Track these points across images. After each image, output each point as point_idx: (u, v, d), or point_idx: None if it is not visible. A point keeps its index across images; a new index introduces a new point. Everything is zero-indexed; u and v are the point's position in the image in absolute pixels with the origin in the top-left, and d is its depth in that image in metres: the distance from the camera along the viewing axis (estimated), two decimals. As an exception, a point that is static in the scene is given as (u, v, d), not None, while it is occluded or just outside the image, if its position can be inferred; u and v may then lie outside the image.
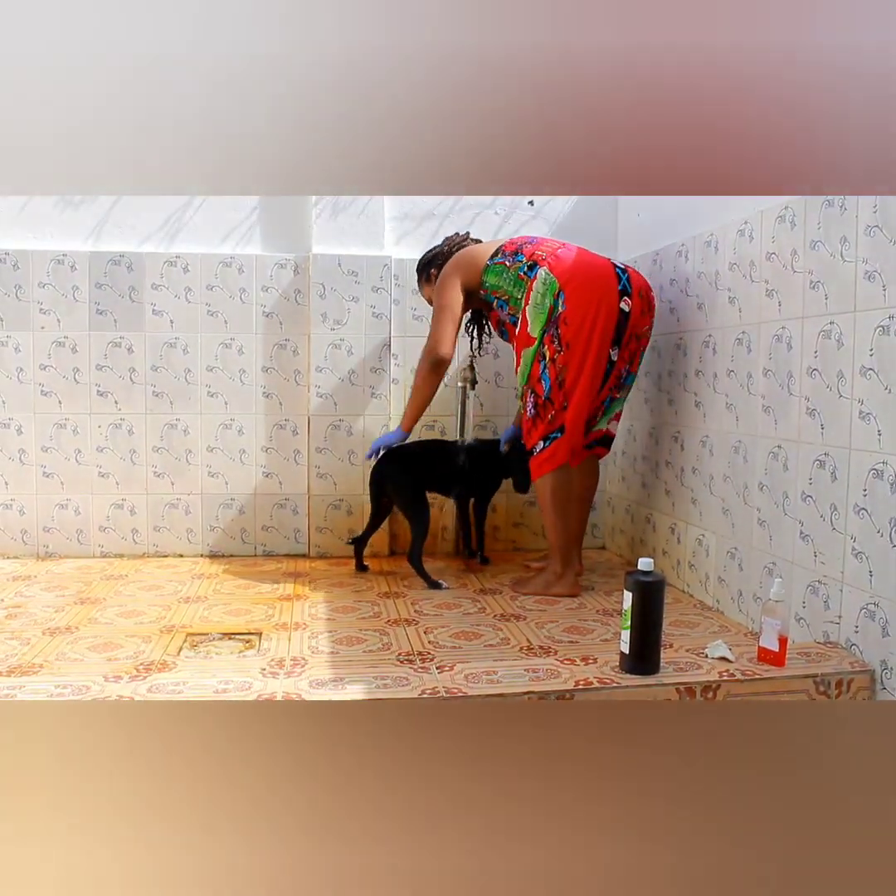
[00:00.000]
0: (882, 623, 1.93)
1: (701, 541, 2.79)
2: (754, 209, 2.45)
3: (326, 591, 2.92)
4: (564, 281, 2.73)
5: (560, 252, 2.81)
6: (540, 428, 2.80)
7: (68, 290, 3.35)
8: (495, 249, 2.92)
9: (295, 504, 3.54)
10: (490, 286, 2.90)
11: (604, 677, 1.90)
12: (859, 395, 2.00)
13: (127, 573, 3.18)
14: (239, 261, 3.43)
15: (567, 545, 2.87)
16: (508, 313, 2.90)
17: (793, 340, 2.27)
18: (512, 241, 2.92)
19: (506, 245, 2.91)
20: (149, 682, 1.90)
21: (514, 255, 2.85)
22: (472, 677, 1.89)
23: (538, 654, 2.21)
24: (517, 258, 2.84)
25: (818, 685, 1.92)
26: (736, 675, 1.91)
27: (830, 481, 2.11)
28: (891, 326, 1.89)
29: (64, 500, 3.41)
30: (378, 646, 2.28)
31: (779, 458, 2.34)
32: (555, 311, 2.73)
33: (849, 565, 2.05)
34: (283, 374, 3.49)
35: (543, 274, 2.76)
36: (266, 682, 1.91)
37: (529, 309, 2.79)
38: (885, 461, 1.91)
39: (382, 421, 3.47)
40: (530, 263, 2.81)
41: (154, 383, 3.43)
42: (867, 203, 1.97)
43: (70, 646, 2.28)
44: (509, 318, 2.92)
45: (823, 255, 2.14)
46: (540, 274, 2.77)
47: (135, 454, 3.44)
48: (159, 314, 3.41)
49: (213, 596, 2.86)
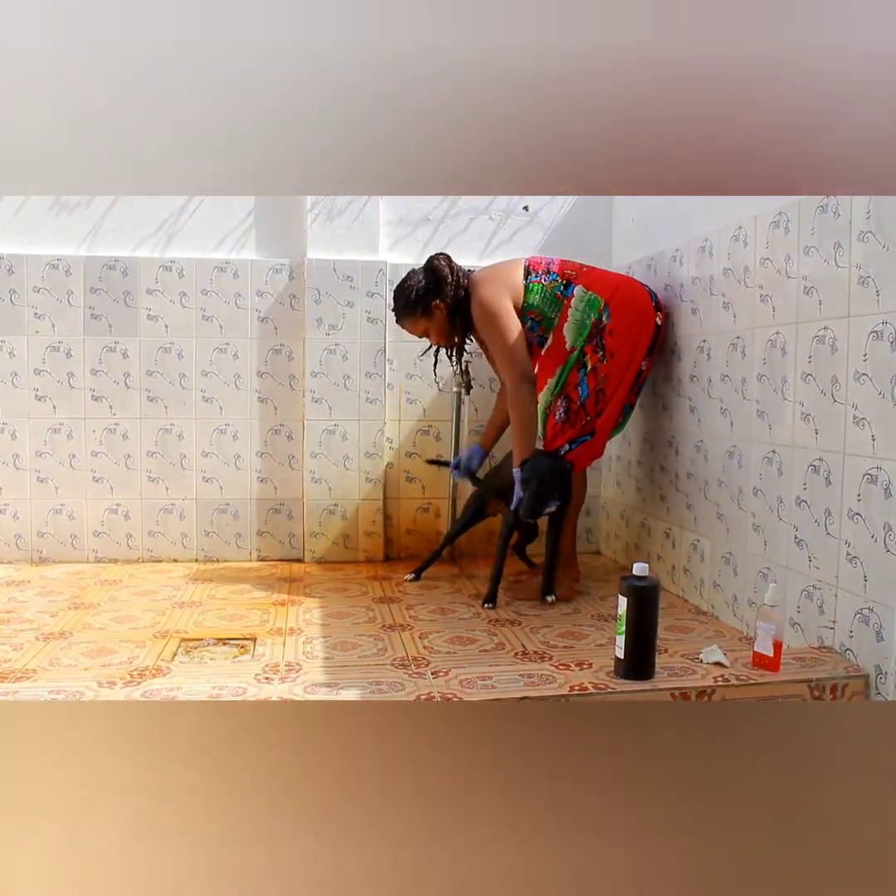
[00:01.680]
0: (876, 628, 1.93)
1: (696, 546, 2.80)
2: (748, 214, 2.46)
3: (321, 597, 2.92)
4: (609, 296, 2.79)
5: (586, 270, 2.87)
6: (568, 433, 2.82)
7: (63, 294, 3.35)
8: (524, 268, 2.85)
9: (290, 509, 3.53)
10: (528, 306, 2.83)
11: (599, 682, 1.89)
12: (853, 401, 2.01)
13: (121, 578, 3.17)
14: (234, 266, 3.43)
15: (568, 549, 2.89)
16: (538, 334, 2.89)
17: (787, 345, 2.27)
18: (535, 261, 2.88)
19: (532, 264, 2.86)
20: (143, 687, 1.89)
21: (548, 274, 2.83)
22: (467, 682, 1.89)
23: (533, 659, 2.21)
24: (551, 277, 2.83)
25: (813, 690, 1.92)
26: (731, 680, 1.91)
27: (825, 486, 2.12)
28: (884, 332, 1.90)
29: (58, 505, 3.41)
30: (373, 651, 2.28)
31: (773, 463, 2.34)
32: (599, 323, 2.78)
33: (843, 570, 2.05)
34: (277, 378, 3.49)
35: (580, 292, 2.80)
36: (261, 688, 1.91)
37: (568, 326, 2.82)
38: (880, 466, 1.92)
39: (377, 426, 3.47)
40: (565, 283, 2.83)
41: (149, 388, 3.43)
42: (860, 209, 1.98)
43: (63, 651, 2.27)
44: (537, 340, 2.90)
45: (817, 260, 2.15)
46: (577, 292, 2.81)
47: (129, 459, 3.44)
48: (154, 319, 3.40)
49: (208, 601, 2.85)
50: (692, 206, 2.87)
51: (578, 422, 2.82)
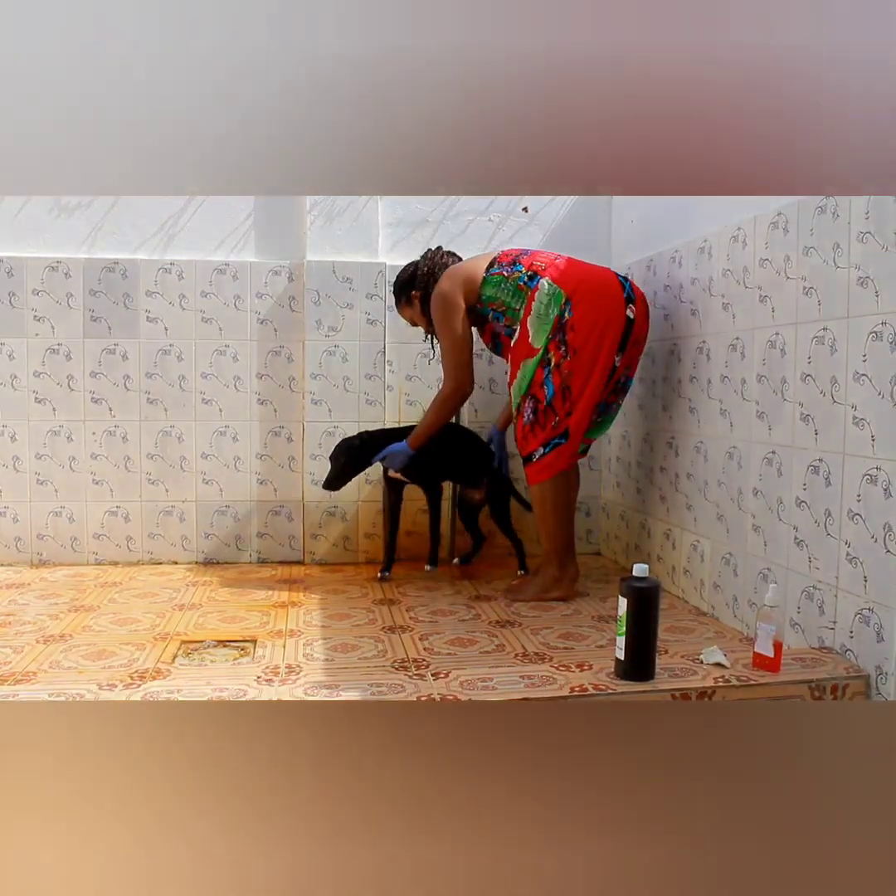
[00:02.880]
0: (877, 628, 1.93)
1: (696, 546, 2.80)
2: (748, 215, 2.46)
3: (321, 598, 2.92)
4: (571, 290, 2.73)
5: (559, 262, 2.81)
6: (539, 435, 2.78)
7: (62, 297, 3.35)
8: (490, 261, 2.89)
9: (290, 511, 3.53)
10: (487, 298, 2.87)
11: (599, 683, 1.89)
12: (853, 401, 2.01)
13: (121, 580, 3.17)
14: (233, 268, 3.43)
15: (564, 550, 2.88)
16: (504, 325, 2.89)
17: (786, 346, 2.28)
18: (506, 253, 2.91)
19: (500, 256, 2.90)
20: (143, 689, 1.89)
21: (512, 266, 2.84)
22: (467, 684, 1.89)
23: (533, 660, 2.21)
24: (515, 268, 2.83)
25: (813, 691, 1.92)
26: (731, 680, 1.91)
27: (825, 487, 2.12)
28: (883, 332, 1.90)
29: (58, 508, 3.41)
30: (373, 653, 2.28)
31: (773, 464, 2.34)
32: (562, 318, 2.73)
33: (843, 571, 2.05)
34: (277, 380, 3.49)
35: (546, 285, 2.76)
36: (261, 690, 1.91)
37: (531, 319, 2.77)
38: (879, 466, 1.92)
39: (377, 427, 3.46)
40: (530, 274, 2.80)
41: (148, 390, 3.43)
42: (859, 209, 1.98)
43: (64, 654, 2.27)
44: (504, 330, 2.90)
45: (816, 261, 2.15)
46: (542, 285, 2.76)
47: (129, 461, 3.44)
48: (154, 321, 3.41)
49: (208, 603, 2.85)
50: (692, 207, 2.87)
51: (548, 423, 2.76)
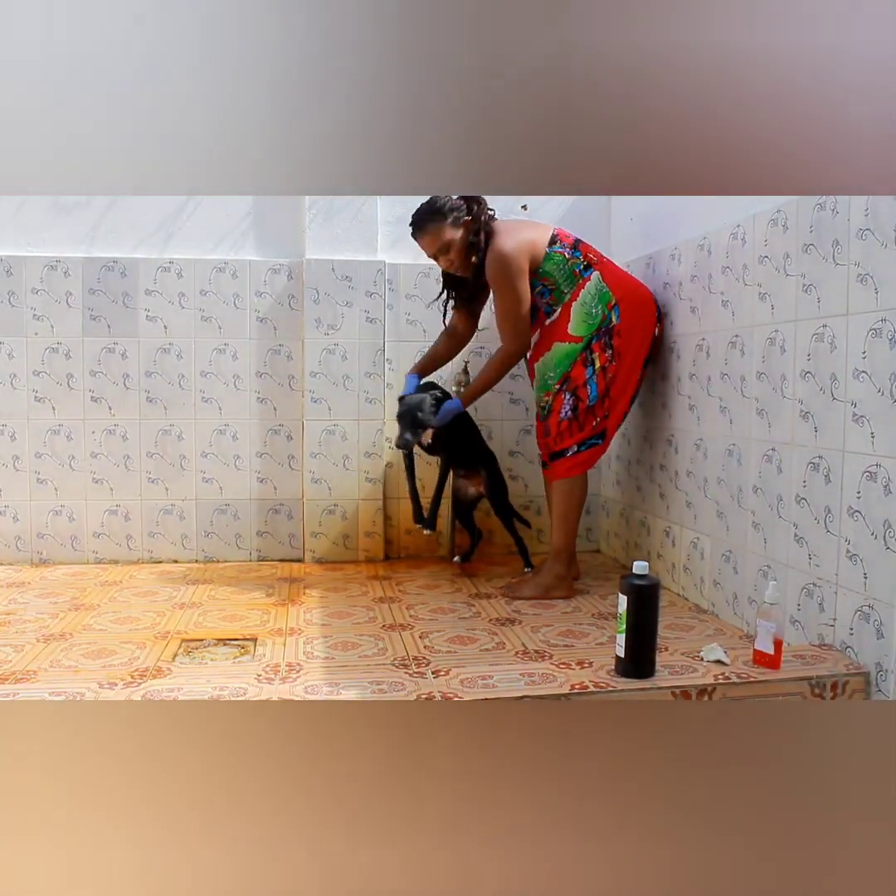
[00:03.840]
0: (877, 625, 1.93)
1: (696, 544, 2.80)
2: (747, 213, 2.46)
3: (321, 597, 2.92)
4: (620, 296, 2.82)
5: (606, 261, 2.90)
6: (576, 434, 2.84)
7: (62, 295, 3.35)
8: (550, 236, 2.86)
9: (289, 509, 3.53)
10: (543, 272, 2.84)
11: (599, 681, 1.90)
12: (852, 398, 2.01)
13: (121, 579, 3.17)
14: (232, 266, 3.43)
15: (572, 548, 2.91)
16: (547, 302, 2.88)
17: (786, 343, 2.27)
18: (564, 233, 2.89)
19: (560, 233, 2.88)
20: (143, 688, 1.89)
21: (573, 249, 2.85)
22: (467, 682, 1.89)
23: (534, 658, 2.21)
24: (575, 253, 2.85)
25: (813, 688, 1.92)
26: (731, 678, 1.91)
27: (824, 484, 2.12)
28: (883, 329, 1.90)
29: (58, 507, 3.41)
30: (373, 651, 2.28)
31: (773, 461, 2.34)
32: (607, 321, 2.80)
33: (843, 568, 2.05)
34: (277, 379, 3.49)
35: (597, 279, 2.82)
36: (261, 688, 1.91)
37: (575, 306, 2.82)
38: (879, 463, 1.92)
39: (377, 426, 3.47)
40: (586, 263, 2.84)
41: (148, 389, 3.43)
42: (859, 206, 1.98)
43: (64, 653, 2.27)
44: (545, 307, 2.90)
45: (816, 258, 2.15)
46: (594, 277, 2.82)
47: (129, 460, 3.44)
48: (153, 320, 3.40)
49: (208, 602, 2.85)
50: (690, 205, 2.87)
51: (587, 422, 2.84)
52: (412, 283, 3.52)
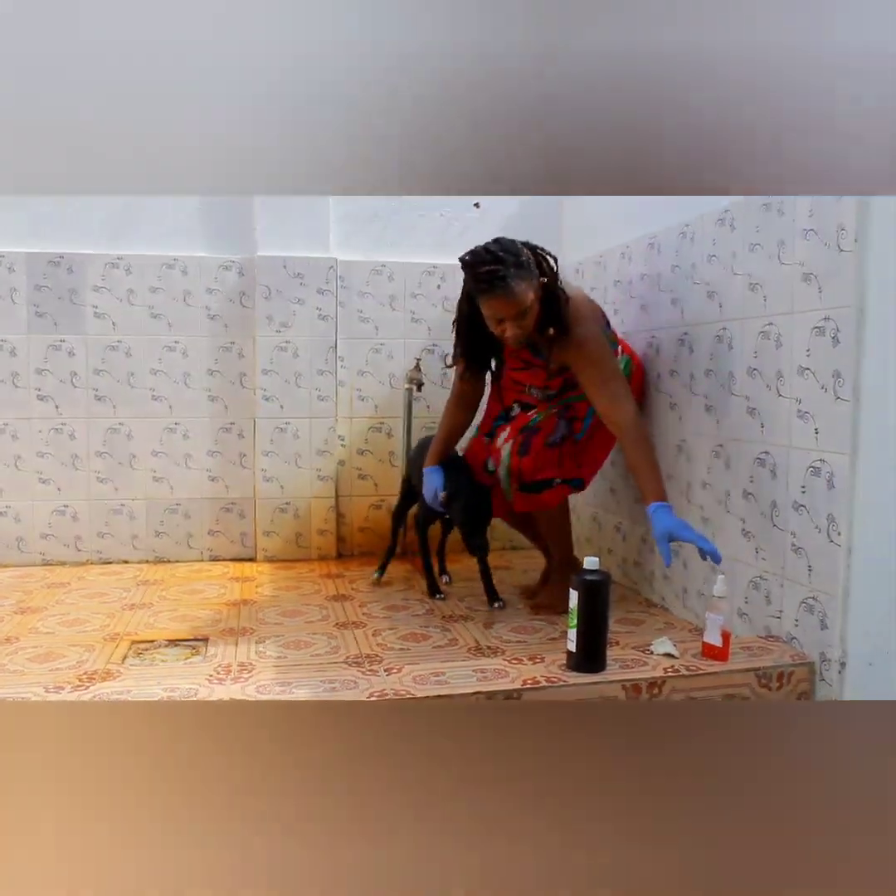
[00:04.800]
0: (820, 616, 1.97)
1: (646, 539, 2.83)
2: (696, 212, 2.49)
3: (274, 596, 2.90)
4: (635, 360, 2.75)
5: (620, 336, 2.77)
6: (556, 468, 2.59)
7: (5, 291, 3.28)
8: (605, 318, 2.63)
9: (241, 508, 3.50)
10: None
11: (551, 676, 1.91)
12: (797, 395, 2.05)
13: (69, 581, 3.12)
14: (183, 262, 3.39)
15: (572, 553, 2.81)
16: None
17: (733, 341, 2.31)
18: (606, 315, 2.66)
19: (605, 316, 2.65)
20: (92, 691, 1.87)
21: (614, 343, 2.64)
22: (420, 679, 1.90)
23: (486, 654, 2.22)
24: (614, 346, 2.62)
25: (760, 678, 1.95)
26: (681, 670, 1.94)
27: (771, 479, 2.15)
28: (826, 327, 1.94)
29: (3, 507, 3.34)
30: (326, 649, 2.27)
31: (721, 457, 2.38)
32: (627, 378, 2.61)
33: (789, 561, 2.09)
34: (228, 377, 3.46)
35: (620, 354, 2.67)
36: (212, 689, 1.89)
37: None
38: (823, 459, 1.96)
39: (329, 423, 3.45)
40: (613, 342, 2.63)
41: (96, 387, 3.37)
42: (804, 207, 2.02)
43: (9, 657, 2.23)
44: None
45: (762, 257, 2.18)
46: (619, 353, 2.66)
47: (77, 459, 3.38)
48: (101, 317, 3.35)
49: (159, 602, 2.82)
50: (640, 204, 2.89)
51: (567, 461, 2.61)
52: (364, 280, 3.50)
